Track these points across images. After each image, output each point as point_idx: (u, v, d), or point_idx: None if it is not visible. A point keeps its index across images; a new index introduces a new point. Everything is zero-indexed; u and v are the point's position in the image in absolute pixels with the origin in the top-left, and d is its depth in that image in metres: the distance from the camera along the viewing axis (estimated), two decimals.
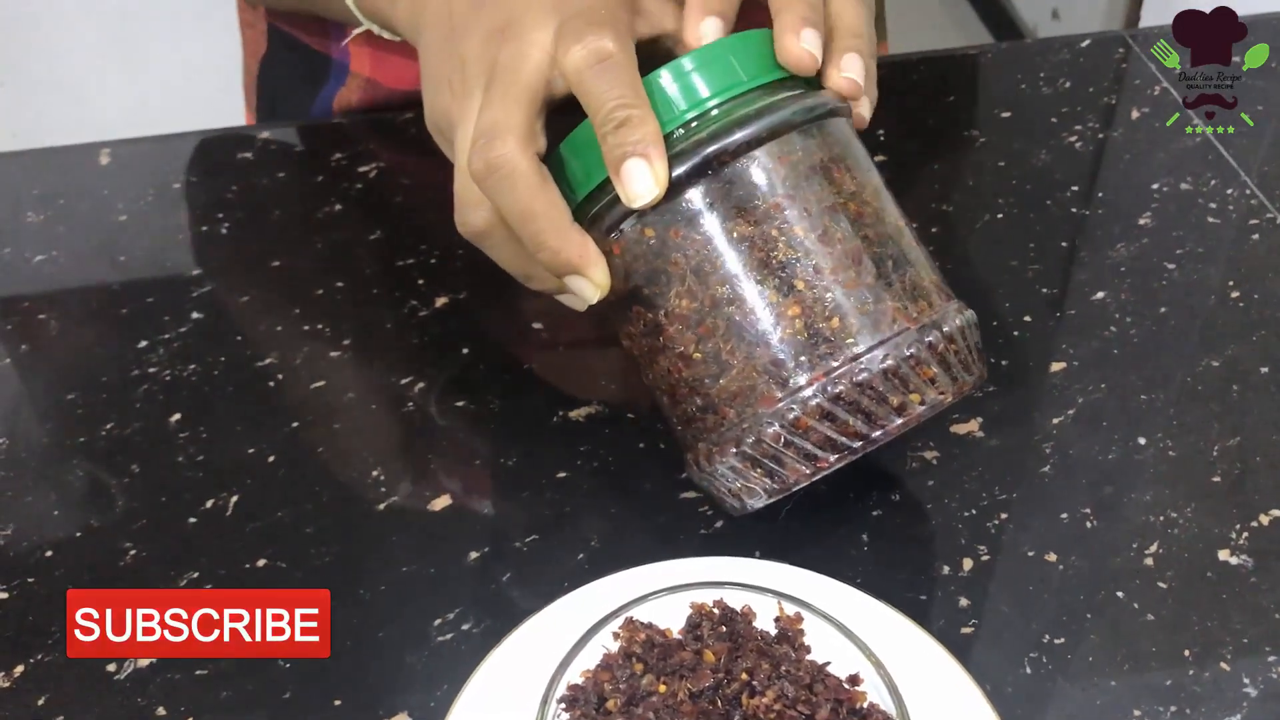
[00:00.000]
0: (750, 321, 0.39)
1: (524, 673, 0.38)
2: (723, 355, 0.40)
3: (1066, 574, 0.44)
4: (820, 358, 0.39)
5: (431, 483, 0.49)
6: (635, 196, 0.39)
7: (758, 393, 0.40)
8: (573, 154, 0.41)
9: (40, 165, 0.68)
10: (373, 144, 0.67)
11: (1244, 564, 0.44)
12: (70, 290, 0.60)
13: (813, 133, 0.41)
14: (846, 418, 0.39)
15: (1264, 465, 0.47)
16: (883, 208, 0.42)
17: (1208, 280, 0.56)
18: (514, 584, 0.45)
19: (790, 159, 0.40)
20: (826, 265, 0.39)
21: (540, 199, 0.40)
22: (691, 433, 0.42)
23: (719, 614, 0.37)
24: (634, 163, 0.38)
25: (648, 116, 0.39)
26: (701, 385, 0.41)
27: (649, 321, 0.41)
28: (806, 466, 0.40)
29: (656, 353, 0.41)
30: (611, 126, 0.39)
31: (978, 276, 0.57)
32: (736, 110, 0.40)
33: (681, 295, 0.40)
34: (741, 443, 0.40)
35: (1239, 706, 0.40)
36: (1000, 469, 0.48)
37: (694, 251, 0.40)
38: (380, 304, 0.57)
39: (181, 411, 0.52)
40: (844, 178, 0.41)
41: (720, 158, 0.39)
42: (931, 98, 0.69)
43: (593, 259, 0.40)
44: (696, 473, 0.43)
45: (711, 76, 0.40)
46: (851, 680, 0.36)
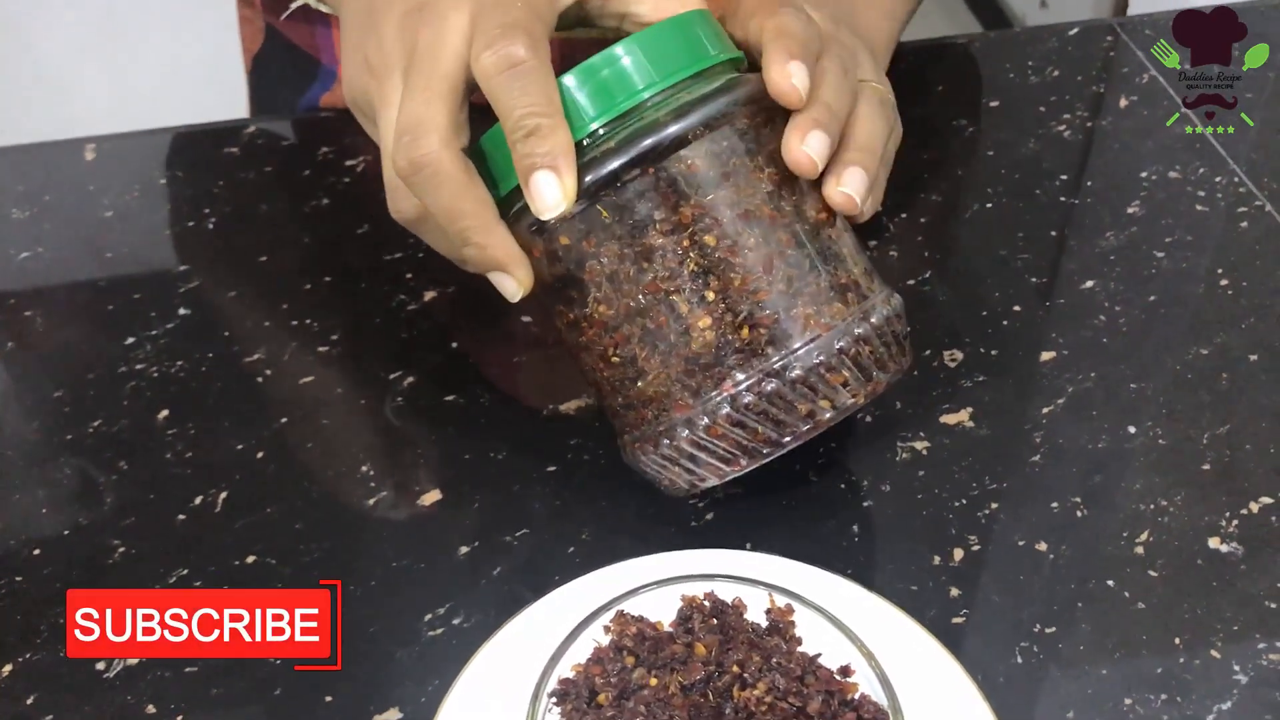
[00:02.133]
0: (663, 332, 0.40)
1: (515, 667, 0.38)
2: (639, 361, 0.40)
3: (1057, 563, 0.44)
4: (730, 369, 0.39)
5: (421, 477, 0.48)
6: (543, 209, 0.38)
7: (672, 399, 0.40)
8: (495, 148, 0.40)
9: (25, 161, 0.68)
10: (360, 138, 0.66)
11: (1234, 552, 0.44)
12: (56, 287, 0.59)
13: (726, 135, 0.40)
14: (756, 426, 0.40)
15: (1254, 453, 0.47)
16: (802, 203, 0.41)
17: (1197, 268, 0.56)
18: (505, 578, 0.44)
19: (701, 165, 0.39)
20: (737, 277, 0.39)
21: (466, 198, 0.40)
22: (619, 424, 0.43)
23: (710, 606, 0.37)
24: (541, 175, 0.38)
25: (558, 126, 0.38)
26: (621, 385, 0.41)
27: (571, 320, 0.42)
28: (720, 469, 0.41)
29: (580, 349, 0.42)
30: (520, 135, 0.38)
31: (966, 265, 0.57)
32: (648, 115, 0.39)
33: (599, 301, 0.40)
34: (659, 443, 0.41)
35: (1229, 693, 0.40)
36: (990, 458, 0.48)
37: (607, 260, 0.40)
38: (368, 298, 0.57)
39: (169, 408, 0.52)
40: (758, 177, 0.40)
41: (630, 168, 0.39)
42: (919, 87, 0.69)
43: (516, 259, 0.41)
44: (625, 456, 0.43)
45: (623, 79, 0.39)
46: (843, 671, 0.36)
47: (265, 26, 0.71)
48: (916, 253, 0.58)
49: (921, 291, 0.55)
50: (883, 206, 0.59)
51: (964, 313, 0.54)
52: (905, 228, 0.59)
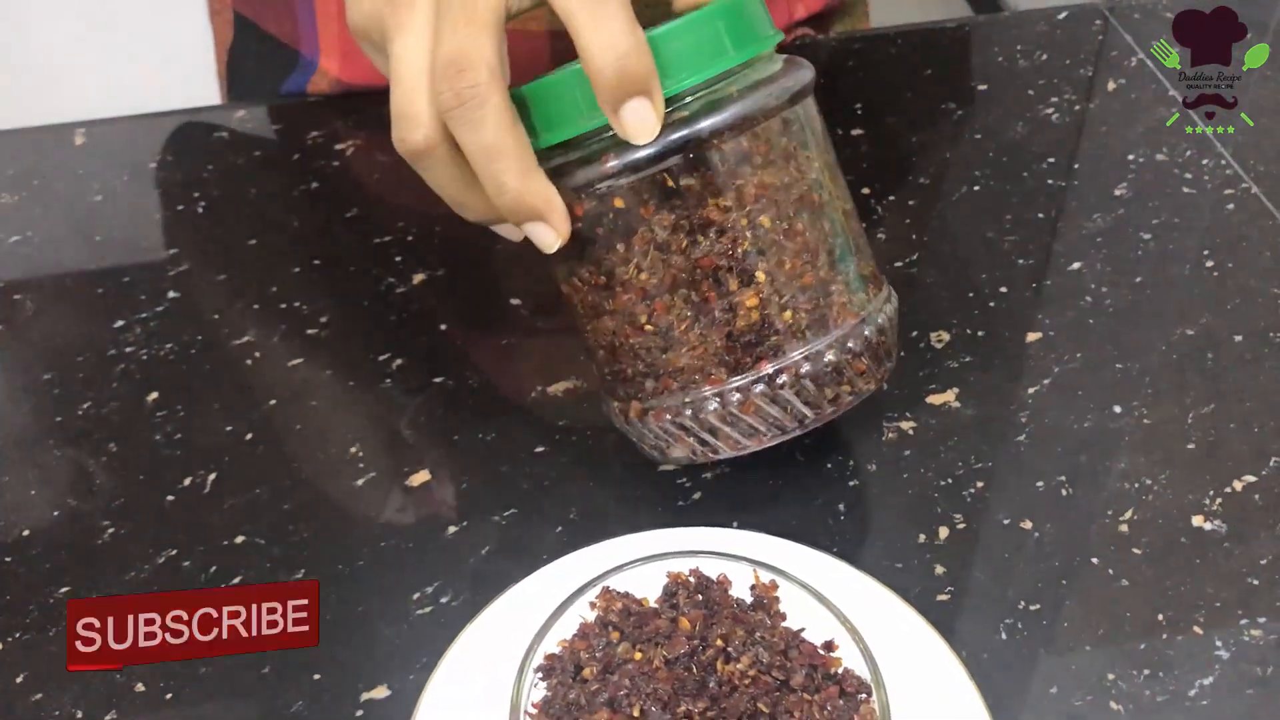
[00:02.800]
0: (708, 306, 0.40)
1: (502, 643, 0.38)
2: (675, 332, 0.40)
3: (1042, 541, 0.44)
4: (771, 349, 0.40)
5: (409, 458, 0.49)
6: (638, 134, 0.37)
7: (705, 373, 0.40)
8: (542, 99, 0.40)
9: (14, 146, 0.67)
10: (348, 122, 0.67)
11: (1218, 529, 0.44)
12: (45, 271, 0.59)
13: (788, 115, 0.40)
14: (787, 404, 0.40)
15: (1238, 432, 0.48)
16: (837, 192, 0.42)
17: (1183, 250, 0.56)
18: (492, 557, 0.45)
19: (766, 144, 0.40)
20: (788, 259, 0.40)
21: (510, 138, 0.38)
22: (626, 389, 0.42)
23: (695, 583, 0.37)
24: (637, 101, 0.37)
25: (647, 51, 0.37)
26: (647, 354, 0.41)
27: (600, 282, 0.41)
28: (739, 443, 0.41)
29: (603, 312, 0.41)
30: (612, 58, 0.37)
31: (954, 247, 0.58)
32: (719, 88, 0.39)
33: (642, 268, 0.40)
34: (680, 414, 0.41)
35: (1211, 669, 0.40)
36: (976, 438, 0.48)
37: (661, 229, 0.39)
38: (357, 281, 0.57)
39: (159, 390, 0.52)
40: (810, 161, 0.41)
41: (700, 139, 0.38)
42: (909, 71, 0.69)
43: (557, 208, 0.39)
44: (621, 421, 0.43)
45: (696, 50, 0.39)
46: (826, 646, 0.36)
47: (235, 18, 0.71)
48: (904, 235, 0.58)
49: (909, 274, 0.55)
50: (871, 189, 0.59)
51: (951, 294, 0.54)
52: (893, 210, 0.59)
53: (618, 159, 0.38)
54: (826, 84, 0.66)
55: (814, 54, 0.69)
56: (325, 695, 0.41)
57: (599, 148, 0.39)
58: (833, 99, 0.66)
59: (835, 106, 0.66)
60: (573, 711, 0.34)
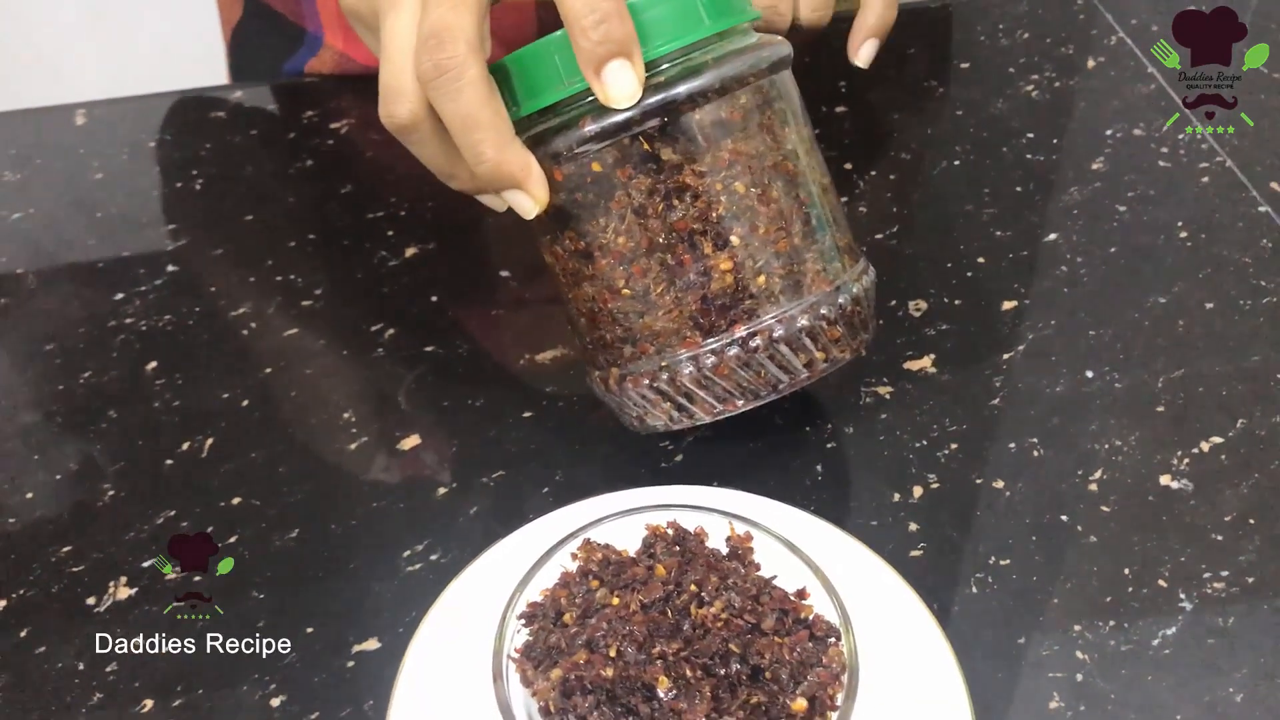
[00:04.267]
0: (683, 269, 0.41)
1: (487, 595, 0.39)
2: (651, 295, 0.41)
3: (1013, 500, 0.46)
4: (745, 312, 0.41)
5: (401, 423, 0.50)
6: (619, 97, 0.39)
7: (680, 336, 0.41)
8: (520, 69, 0.41)
9: (16, 126, 0.69)
10: (344, 101, 0.68)
11: (1184, 488, 0.46)
12: (47, 246, 0.61)
13: (764, 86, 0.42)
14: (760, 368, 0.42)
15: (1206, 395, 0.49)
16: (813, 165, 0.43)
17: (1157, 221, 0.57)
18: (481, 516, 0.46)
19: (742, 112, 0.41)
20: (761, 225, 0.41)
21: (487, 108, 0.39)
22: (605, 356, 0.44)
23: (673, 535, 0.39)
24: (617, 63, 0.38)
25: (627, 14, 0.38)
26: (625, 319, 0.42)
27: (580, 248, 0.42)
28: (714, 407, 0.42)
29: (582, 278, 0.42)
30: (593, 21, 0.38)
31: (933, 220, 0.59)
32: (694, 56, 0.40)
33: (619, 232, 0.41)
34: (657, 378, 0.42)
35: (1174, 620, 0.41)
36: (951, 402, 0.49)
37: (638, 193, 0.40)
38: (351, 255, 0.58)
39: (157, 359, 0.53)
40: (786, 133, 0.42)
41: (677, 104, 0.40)
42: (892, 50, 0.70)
43: (534, 175, 0.41)
44: (601, 389, 0.44)
45: (673, 18, 0.40)
46: (799, 594, 0.37)
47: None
48: (885, 208, 0.59)
49: (889, 245, 0.57)
50: (851, 165, 0.60)
51: (929, 265, 0.56)
52: (874, 184, 0.60)
53: (595, 123, 0.39)
54: (810, 62, 0.68)
55: (799, 33, 0.70)
56: (318, 645, 0.42)
57: (577, 113, 0.40)
58: (816, 76, 0.67)
59: (819, 84, 0.67)
60: (553, 654, 0.35)
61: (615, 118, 0.39)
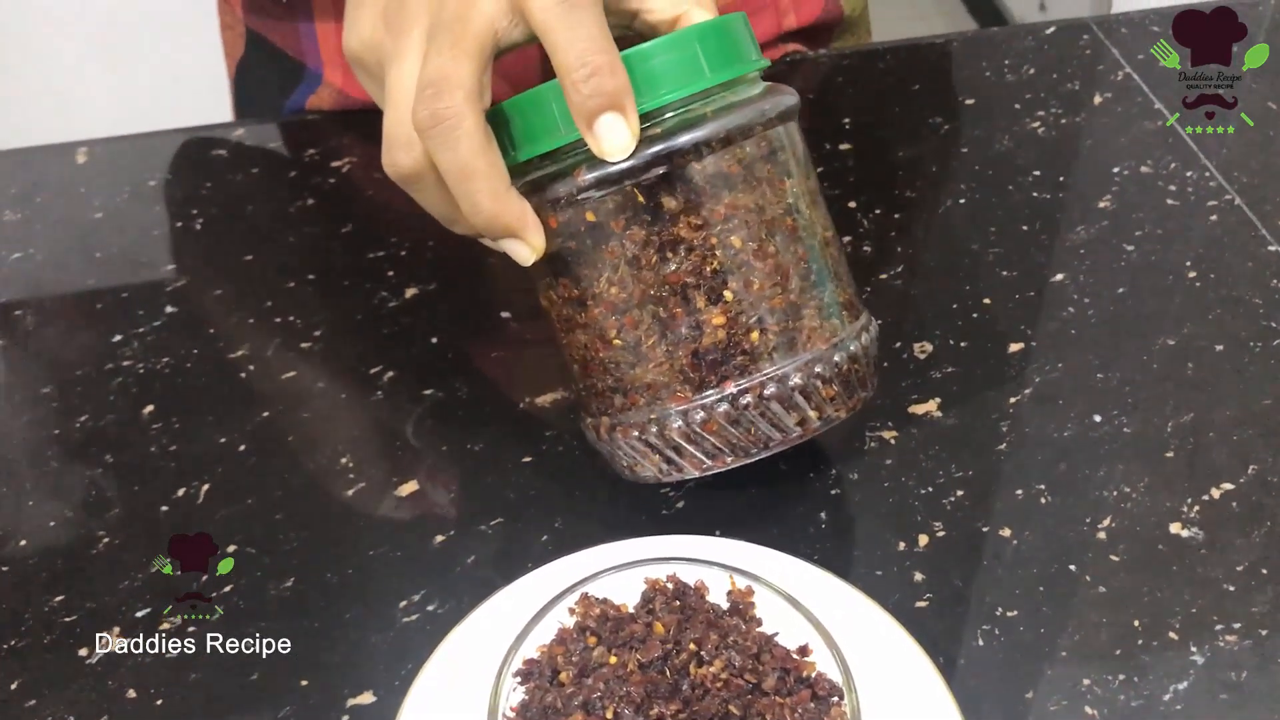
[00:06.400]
0: (675, 322, 0.40)
1: (484, 649, 0.39)
2: (642, 347, 0.41)
3: (1020, 549, 0.45)
4: (737, 368, 0.40)
5: (399, 469, 0.49)
6: (612, 151, 0.38)
7: (670, 389, 0.41)
8: (519, 114, 0.40)
9: (17, 164, 0.69)
10: (344, 139, 0.68)
11: (1195, 536, 0.45)
12: (47, 286, 0.61)
13: (766, 138, 0.41)
14: (751, 425, 0.41)
15: (1216, 440, 0.48)
16: (815, 218, 0.42)
17: (1166, 261, 0.57)
18: (479, 565, 0.45)
19: (743, 164, 0.40)
20: (756, 280, 0.40)
21: (482, 159, 0.39)
22: (597, 404, 0.43)
23: (672, 589, 0.38)
24: (610, 116, 0.38)
25: (620, 67, 0.38)
26: (616, 369, 0.41)
27: (573, 296, 0.41)
28: (703, 463, 0.42)
29: (575, 325, 0.42)
30: (585, 74, 0.38)
31: (939, 260, 0.58)
32: (695, 107, 0.40)
33: (612, 282, 0.40)
34: (646, 430, 0.41)
35: (1185, 675, 0.41)
36: (957, 447, 0.48)
37: (632, 244, 0.40)
38: (351, 295, 0.58)
39: (155, 403, 0.53)
40: (788, 185, 0.41)
41: (675, 155, 0.39)
42: (897, 86, 0.70)
43: (530, 224, 0.40)
44: (594, 436, 0.44)
45: (674, 69, 0.39)
46: (801, 651, 0.37)
47: (246, 32, 0.72)
48: (890, 248, 0.58)
49: (894, 285, 0.56)
50: (855, 203, 0.60)
51: (934, 306, 0.55)
52: (878, 223, 0.60)
53: (590, 172, 0.39)
54: (815, 100, 0.67)
55: (803, 71, 0.70)
56: (313, 699, 0.41)
57: (573, 161, 0.40)
58: (821, 114, 0.66)
59: (824, 121, 0.66)
60: (549, 715, 0.35)
61: (611, 167, 0.39)
